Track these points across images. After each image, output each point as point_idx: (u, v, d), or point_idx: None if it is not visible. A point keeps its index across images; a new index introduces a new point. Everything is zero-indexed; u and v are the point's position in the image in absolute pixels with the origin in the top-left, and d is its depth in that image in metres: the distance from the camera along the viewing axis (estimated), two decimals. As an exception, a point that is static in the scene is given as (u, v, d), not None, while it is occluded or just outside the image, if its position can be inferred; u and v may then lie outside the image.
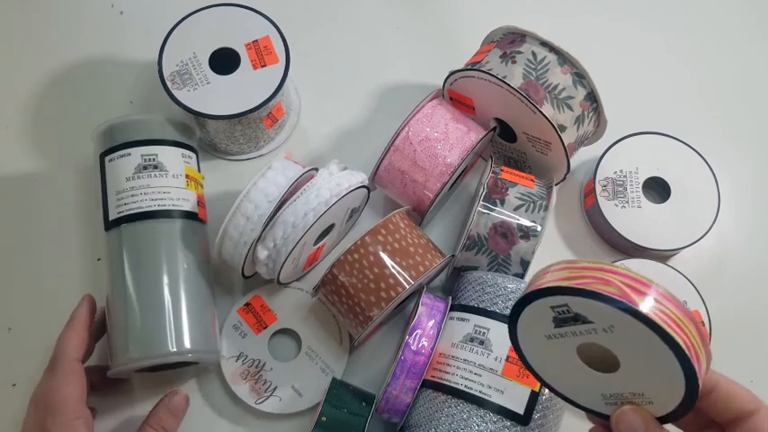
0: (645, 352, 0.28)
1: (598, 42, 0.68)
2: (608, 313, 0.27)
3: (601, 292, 0.27)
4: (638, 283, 0.28)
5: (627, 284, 0.27)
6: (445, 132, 0.56)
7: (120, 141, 0.55)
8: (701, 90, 0.70)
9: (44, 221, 0.62)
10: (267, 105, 0.58)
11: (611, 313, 0.27)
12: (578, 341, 0.30)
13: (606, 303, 0.27)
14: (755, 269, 0.63)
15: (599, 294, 0.27)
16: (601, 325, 0.28)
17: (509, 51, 0.55)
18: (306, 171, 0.54)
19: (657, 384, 0.29)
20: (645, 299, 0.27)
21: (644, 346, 0.27)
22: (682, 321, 0.27)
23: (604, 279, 0.28)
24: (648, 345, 0.27)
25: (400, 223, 0.54)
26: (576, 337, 0.30)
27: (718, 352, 0.55)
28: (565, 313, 0.29)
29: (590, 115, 0.57)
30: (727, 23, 0.74)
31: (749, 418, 0.31)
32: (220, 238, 0.53)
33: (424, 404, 0.49)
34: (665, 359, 0.27)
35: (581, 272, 0.28)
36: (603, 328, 0.28)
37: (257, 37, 0.60)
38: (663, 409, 0.30)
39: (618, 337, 0.28)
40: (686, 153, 0.62)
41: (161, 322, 0.50)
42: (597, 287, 0.27)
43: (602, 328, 0.28)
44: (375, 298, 0.51)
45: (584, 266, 0.29)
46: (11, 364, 0.57)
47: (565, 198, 0.65)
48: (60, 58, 0.68)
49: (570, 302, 0.28)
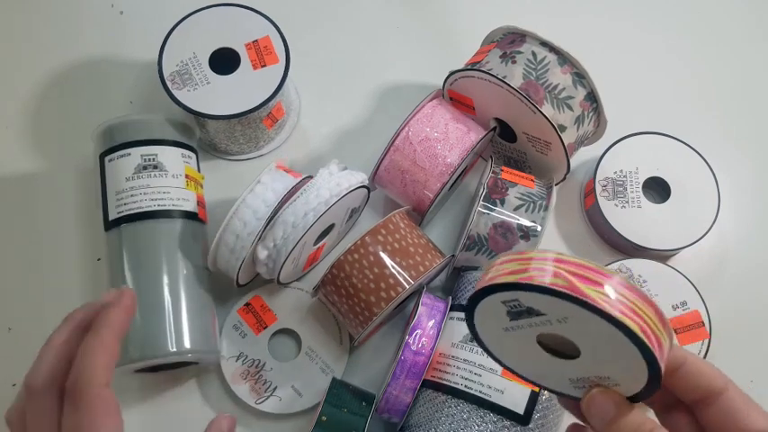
0: (602, 340, 0.27)
1: (598, 42, 0.68)
2: (558, 306, 0.27)
3: (547, 286, 0.26)
4: (589, 271, 0.27)
5: (576, 274, 0.26)
6: (445, 132, 0.56)
7: (120, 141, 0.55)
8: (701, 90, 0.70)
9: (44, 221, 0.62)
10: (267, 105, 0.58)
11: (561, 305, 0.26)
12: (536, 331, 0.29)
13: (553, 296, 0.26)
14: (755, 269, 0.63)
15: (545, 288, 0.26)
16: (554, 317, 0.27)
17: (509, 51, 0.55)
18: (299, 181, 0.53)
19: (621, 369, 0.28)
20: (594, 288, 0.26)
21: (600, 334, 0.27)
22: (636, 305, 0.26)
23: (552, 270, 0.27)
24: (604, 333, 0.26)
25: (400, 223, 0.54)
26: (534, 328, 0.29)
27: (718, 352, 0.56)
28: (517, 307, 0.28)
29: (590, 115, 0.57)
30: (727, 23, 0.74)
31: (718, 397, 0.30)
32: (214, 249, 0.53)
33: (424, 404, 0.49)
34: (623, 345, 0.26)
35: (528, 263, 0.28)
36: (557, 319, 0.27)
37: (257, 37, 0.60)
38: (630, 390, 0.29)
39: (574, 327, 0.28)
40: (686, 153, 0.62)
41: (161, 322, 0.51)
42: (544, 280, 0.26)
43: (555, 320, 0.28)
44: (375, 298, 0.51)
45: (531, 257, 0.28)
46: (11, 364, 0.57)
47: (565, 198, 0.65)
48: (60, 58, 0.68)
49: (520, 297, 0.28)
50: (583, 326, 0.27)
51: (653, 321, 0.27)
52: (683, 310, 0.57)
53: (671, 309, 0.57)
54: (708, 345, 0.56)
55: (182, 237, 0.53)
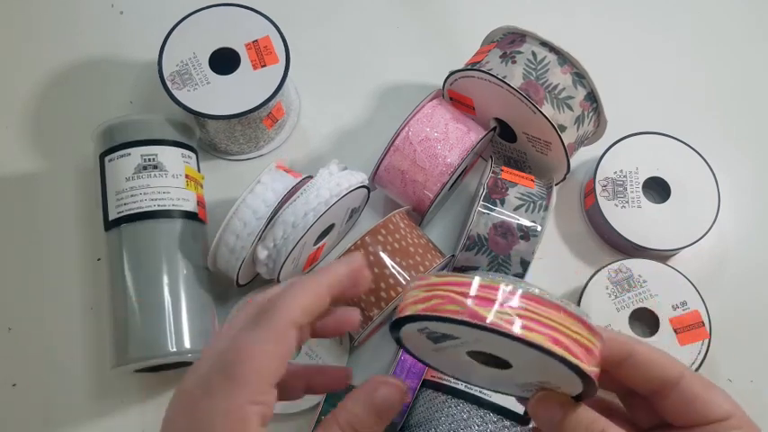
0: (521, 354, 0.26)
1: (598, 42, 0.68)
2: (463, 331, 0.26)
3: (446, 315, 0.26)
4: (487, 290, 0.26)
5: (473, 296, 0.26)
6: (445, 132, 0.56)
7: (120, 141, 0.55)
8: (700, 90, 0.70)
9: (44, 221, 0.62)
10: (267, 105, 0.58)
11: (467, 330, 0.26)
12: (463, 350, 0.29)
13: (454, 324, 0.26)
14: (755, 269, 0.63)
15: (445, 318, 0.26)
16: (468, 339, 0.27)
17: (509, 51, 0.55)
18: (299, 181, 0.53)
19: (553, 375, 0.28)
20: (492, 308, 0.26)
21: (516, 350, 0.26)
22: (542, 316, 0.26)
23: (449, 297, 0.26)
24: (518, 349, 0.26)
25: (400, 223, 0.54)
26: (459, 348, 0.29)
27: (718, 352, 0.56)
28: (434, 333, 0.28)
29: (590, 115, 0.57)
30: (727, 23, 0.74)
31: (675, 387, 0.28)
32: (214, 249, 0.53)
33: (424, 404, 0.49)
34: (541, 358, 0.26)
35: (432, 290, 0.27)
36: (473, 340, 0.27)
37: (257, 37, 0.60)
38: (573, 390, 0.28)
39: (491, 345, 0.27)
40: (686, 153, 0.62)
41: (161, 322, 0.51)
42: (444, 308, 0.26)
43: (472, 340, 0.27)
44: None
45: (434, 283, 0.27)
46: (11, 364, 0.57)
47: (565, 198, 0.65)
48: (60, 58, 0.68)
49: (429, 326, 0.27)
50: (497, 345, 0.27)
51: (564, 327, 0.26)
52: (683, 310, 0.57)
53: (671, 309, 0.57)
54: (708, 345, 0.56)
55: (182, 237, 0.53)
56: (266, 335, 0.27)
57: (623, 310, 0.57)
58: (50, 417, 0.55)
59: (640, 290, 0.57)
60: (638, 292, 0.57)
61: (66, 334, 0.58)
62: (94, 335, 0.58)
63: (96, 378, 0.57)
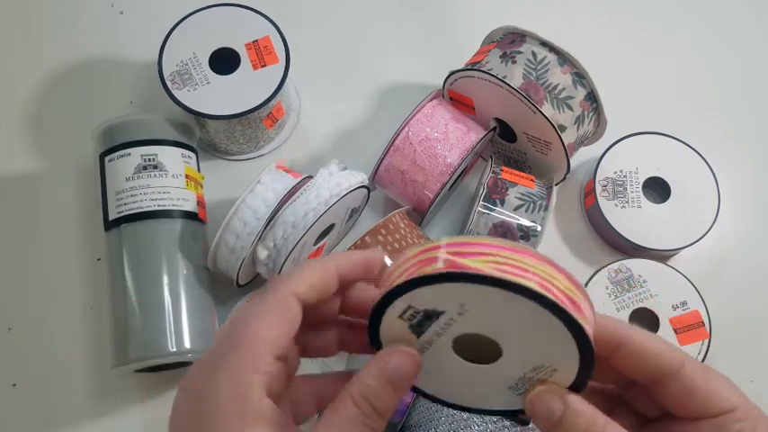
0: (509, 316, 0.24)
1: (598, 42, 0.68)
2: (447, 293, 0.24)
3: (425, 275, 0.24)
4: (464, 245, 0.24)
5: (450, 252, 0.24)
6: (445, 132, 0.56)
7: (120, 141, 0.55)
8: (700, 90, 0.70)
9: (44, 221, 0.62)
10: (267, 105, 0.58)
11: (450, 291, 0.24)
12: (449, 339, 0.27)
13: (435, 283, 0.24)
14: (755, 269, 0.63)
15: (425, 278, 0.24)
16: (453, 310, 0.25)
17: (509, 51, 0.55)
18: (299, 181, 0.53)
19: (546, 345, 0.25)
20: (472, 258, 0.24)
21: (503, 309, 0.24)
22: (528, 264, 0.24)
23: (424, 260, 0.25)
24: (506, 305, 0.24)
25: (400, 223, 0.54)
26: (444, 337, 0.27)
27: (718, 352, 0.56)
28: (415, 316, 0.26)
29: (590, 115, 0.57)
30: (727, 23, 0.74)
31: (674, 376, 0.27)
32: (214, 249, 0.53)
33: (424, 404, 0.49)
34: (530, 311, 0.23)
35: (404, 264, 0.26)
36: (457, 312, 0.25)
37: (257, 37, 0.60)
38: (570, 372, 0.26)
39: (477, 316, 0.25)
40: (686, 153, 0.62)
41: (161, 322, 0.51)
42: (421, 271, 0.24)
43: (456, 313, 0.25)
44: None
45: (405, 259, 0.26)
46: (11, 364, 0.57)
47: (565, 198, 0.65)
48: (60, 58, 0.68)
49: (410, 302, 0.25)
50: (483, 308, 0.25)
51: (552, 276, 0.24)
52: (683, 310, 0.57)
53: (671, 309, 0.57)
54: (708, 345, 0.56)
55: (182, 237, 0.53)
56: (269, 305, 0.28)
57: (623, 311, 0.57)
58: (50, 417, 0.55)
59: (640, 290, 0.57)
60: (638, 292, 0.57)
61: (66, 334, 0.58)
62: (94, 335, 0.58)
63: (96, 378, 0.57)
